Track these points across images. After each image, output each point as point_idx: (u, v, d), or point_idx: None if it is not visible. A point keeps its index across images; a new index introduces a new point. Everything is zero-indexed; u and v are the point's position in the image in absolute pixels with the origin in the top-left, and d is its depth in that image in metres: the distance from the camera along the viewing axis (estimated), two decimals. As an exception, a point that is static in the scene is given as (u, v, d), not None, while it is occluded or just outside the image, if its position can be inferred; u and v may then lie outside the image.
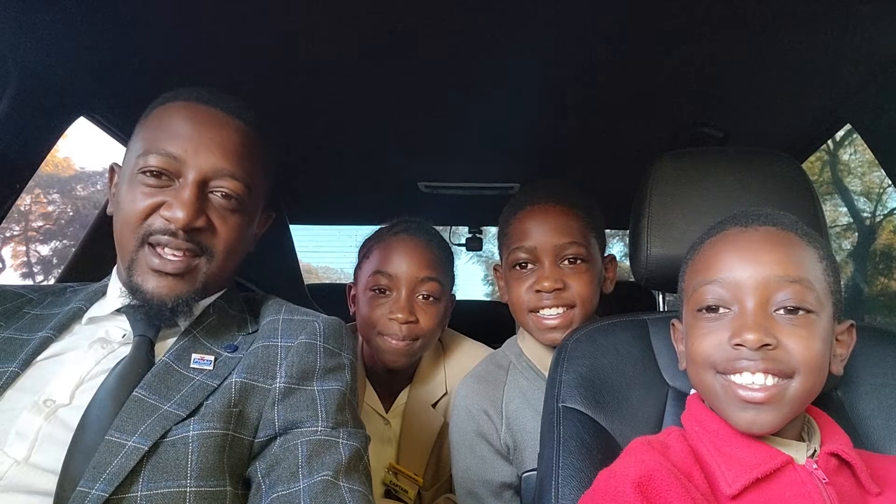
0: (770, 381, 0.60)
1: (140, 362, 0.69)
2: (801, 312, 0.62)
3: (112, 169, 0.82)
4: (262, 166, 0.82)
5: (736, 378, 0.62)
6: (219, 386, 0.69)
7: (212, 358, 0.72)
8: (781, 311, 0.62)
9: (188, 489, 0.61)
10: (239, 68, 1.01)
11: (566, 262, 1.01)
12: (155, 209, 0.71)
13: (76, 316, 0.76)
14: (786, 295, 0.62)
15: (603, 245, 1.09)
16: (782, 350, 0.60)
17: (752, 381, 0.61)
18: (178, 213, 0.70)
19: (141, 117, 0.80)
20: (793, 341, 0.61)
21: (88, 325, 0.76)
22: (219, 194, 0.74)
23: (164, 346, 0.73)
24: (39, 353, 0.70)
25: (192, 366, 0.70)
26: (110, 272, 0.81)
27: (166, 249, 0.71)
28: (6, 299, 0.78)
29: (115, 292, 0.76)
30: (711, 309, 0.66)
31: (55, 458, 0.60)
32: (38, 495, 0.59)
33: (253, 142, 0.79)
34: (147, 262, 0.71)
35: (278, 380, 0.71)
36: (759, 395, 0.60)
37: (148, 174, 0.72)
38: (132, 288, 0.72)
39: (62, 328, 0.74)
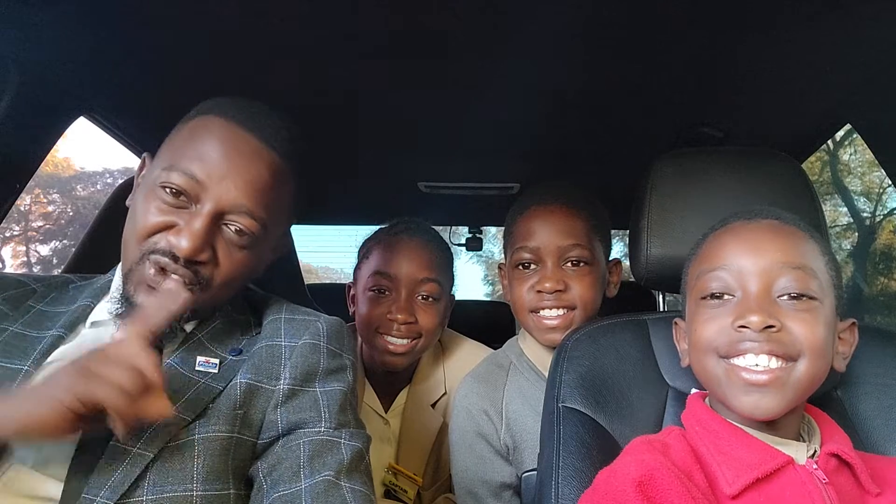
0: (774, 363, 0.61)
1: None
2: (804, 298, 0.62)
3: (144, 159, 0.80)
4: (287, 200, 0.79)
5: (739, 361, 0.62)
6: (224, 388, 0.69)
7: (217, 361, 0.72)
8: (785, 297, 0.62)
9: (194, 493, 0.61)
10: (238, 68, 1.01)
11: (569, 263, 1.01)
12: (164, 228, 0.70)
13: (84, 314, 0.75)
14: (788, 281, 0.62)
15: (608, 248, 1.09)
16: (786, 332, 0.61)
17: (756, 363, 0.61)
18: (183, 243, 0.68)
19: (181, 121, 0.78)
20: (797, 324, 0.61)
21: (93, 329, 0.74)
22: (232, 228, 0.72)
23: (169, 351, 0.72)
24: (50, 353, 0.69)
25: (197, 368, 0.70)
26: (113, 267, 0.80)
27: (165, 271, 0.69)
28: (9, 286, 0.76)
29: (116, 294, 0.75)
30: (715, 296, 0.66)
31: (60, 464, 0.60)
32: (44, 501, 0.59)
33: (282, 176, 0.76)
34: (144, 275, 0.70)
35: (282, 381, 0.71)
36: (762, 378, 0.60)
37: (167, 191, 0.70)
38: (126, 297, 0.71)
39: (72, 326, 0.73)
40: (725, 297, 0.65)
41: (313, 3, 0.82)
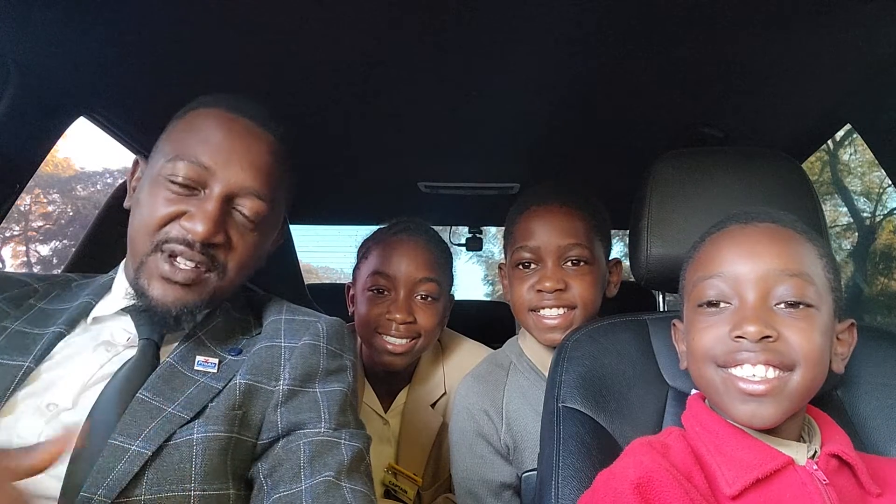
0: (771, 373, 0.60)
1: (145, 366, 0.68)
2: (801, 306, 0.62)
3: (136, 162, 0.81)
4: (286, 183, 0.82)
5: (736, 371, 0.62)
6: (223, 388, 0.69)
7: (216, 360, 0.72)
8: (782, 305, 0.62)
9: (192, 493, 0.61)
10: (239, 68, 1.01)
11: (569, 263, 1.01)
12: (175, 217, 0.71)
13: (85, 311, 0.75)
14: (786, 289, 0.62)
15: (608, 248, 1.09)
16: (783, 342, 0.60)
17: (753, 374, 0.61)
18: (198, 227, 0.69)
19: (173, 117, 0.79)
20: (793, 334, 0.61)
21: (94, 324, 0.75)
22: (241, 211, 0.74)
23: (169, 349, 0.72)
24: (51, 349, 0.70)
25: (196, 367, 0.70)
26: (114, 267, 0.80)
27: (179, 259, 0.70)
28: (11, 285, 0.77)
29: (121, 290, 0.75)
30: (712, 304, 0.66)
31: (59, 461, 0.60)
32: (43, 499, 0.58)
33: (281, 157, 0.79)
34: (157, 267, 0.70)
35: (282, 382, 0.71)
36: (759, 388, 0.60)
37: (174, 181, 0.71)
38: (138, 289, 0.71)
39: (73, 323, 0.74)
40: (722, 304, 0.65)
41: (313, 4, 0.82)
